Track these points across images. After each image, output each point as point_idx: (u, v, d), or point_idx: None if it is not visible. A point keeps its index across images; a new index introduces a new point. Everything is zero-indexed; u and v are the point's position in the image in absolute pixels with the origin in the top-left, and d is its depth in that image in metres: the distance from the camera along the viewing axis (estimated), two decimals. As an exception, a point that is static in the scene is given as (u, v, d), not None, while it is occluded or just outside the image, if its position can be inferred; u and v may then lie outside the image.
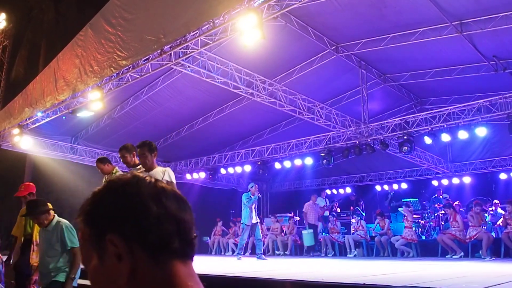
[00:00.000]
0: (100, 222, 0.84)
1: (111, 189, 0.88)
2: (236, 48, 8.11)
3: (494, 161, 13.91)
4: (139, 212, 0.83)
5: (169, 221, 0.85)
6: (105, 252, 0.83)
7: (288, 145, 12.77)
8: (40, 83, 9.47)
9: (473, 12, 8.04)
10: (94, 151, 13.62)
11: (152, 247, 0.82)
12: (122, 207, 0.84)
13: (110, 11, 7.33)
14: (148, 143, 4.50)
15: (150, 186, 0.88)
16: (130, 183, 0.88)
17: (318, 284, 4.22)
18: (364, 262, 8.88)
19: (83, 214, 0.87)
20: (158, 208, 0.85)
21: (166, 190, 0.89)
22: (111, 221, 0.83)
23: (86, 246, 0.86)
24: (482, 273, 5.74)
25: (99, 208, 0.86)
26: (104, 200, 0.86)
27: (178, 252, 0.85)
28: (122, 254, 0.81)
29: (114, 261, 0.82)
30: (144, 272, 0.81)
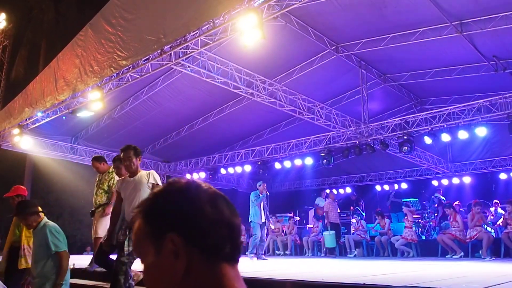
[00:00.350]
0: (161, 221, 0.90)
1: (173, 192, 0.94)
2: (236, 48, 8.11)
3: (494, 161, 13.91)
4: (199, 215, 0.90)
5: (223, 226, 0.91)
6: (163, 249, 0.88)
7: (288, 145, 12.77)
8: (40, 83, 9.47)
9: (473, 12, 8.05)
10: (94, 151, 13.60)
11: (207, 249, 0.89)
12: (183, 209, 0.90)
13: (110, 11, 7.33)
14: (133, 147, 4.43)
15: (207, 192, 0.95)
16: (190, 188, 0.94)
17: (318, 284, 4.22)
18: (364, 262, 8.88)
19: (144, 212, 0.93)
20: (214, 213, 0.91)
21: (220, 196, 0.96)
22: (172, 221, 0.89)
23: (144, 242, 0.92)
24: (482, 273, 5.74)
25: (161, 209, 0.92)
26: (166, 202, 0.93)
27: (228, 255, 0.91)
28: (179, 252, 0.87)
29: (171, 258, 0.87)
30: (196, 271, 0.88)
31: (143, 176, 4.35)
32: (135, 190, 4.30)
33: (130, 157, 4.35)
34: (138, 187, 4.30)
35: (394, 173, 16.03)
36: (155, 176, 4.39)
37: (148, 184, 4.33)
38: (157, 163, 15.64)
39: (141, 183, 4.31)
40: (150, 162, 15.33)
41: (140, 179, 4.34)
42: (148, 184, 4.33)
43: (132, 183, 4.35)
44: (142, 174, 4.39)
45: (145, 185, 4.30)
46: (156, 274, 0.90)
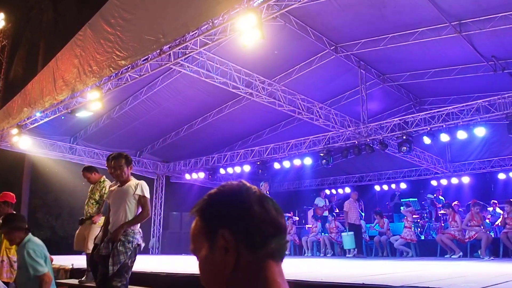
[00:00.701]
0: (214, 218, 0.99)
1: (225, 192, 1.04)
2: (235, 48, 8.11)
3: (493, 161, 13.93)
4: (248, 214, 0.99)
5: (269, 224, 0.99)
6: (215, 245, 0.97)
7: (287, 145, 12.77)
8: (39, 83, 9.46)
9: (472, 12, 8.05)
10: (93, 151, 13.62)
11: (254, 245, 0.97)
12: (234, 208, 0.99)
13: (109, 11, 7.32)
14: (125, 155, 4.17)
15: (255, 193, 1.03)
16: (241, 189, 1.04)
17: (317, 284, 4.22)
18: (363, 262, 8.88)
19: (200, 210, 1.02)
20: (262, 213, 1.00)
21: (268, 198, 1.05)
22: (224, 219, 0.98)
23: (199, 238, 1.01)
24: (481, 273, 5.74)
25: (214, 207, 1.01)
26: (219, 201, 1.02)
27: (273, 252, 0.99)
28: (229, 247, 0.95)
29: (222, 253, 0.96)
30: (245, 265, 0.96)
31: (131, 186, 4.07)
32: (120, 200, 4.03)
33: (121, 166, 4.06)
34: (124, 197, 4.02)
35: (393, 173, 16.05)
36: (143, 187, 4.09)
37: (134, 195, 4.03)
38: (156, 163, 15.65)
39: (127, 194, 4.03)
40: (149, 162, 15.34)
41: (127, 189, 4.06)
42: (134, 195, 4.03)
43: (120, 193, 4.08)
44: (130, 184, 4.10)
45: (131, 196, 4.02)
46: (209, 268, 0.99)
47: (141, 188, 4.06)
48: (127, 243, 3.86)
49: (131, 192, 4.02)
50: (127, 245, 3.85)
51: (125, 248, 3.83)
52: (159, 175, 15.97)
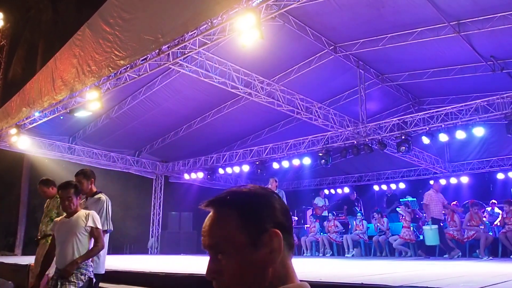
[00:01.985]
0: (262, 216, 1.01)
1: (261, 193, 1.06)
2: (234, 48, 8.11)
3: (491, 161, 13.94)
4: (288, 215, 1.06)
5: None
6: (261, 242, 0.98)
7: (286, 145, 12.77)
8: (38, 82, 9.45)
9: (471, 12, 8.06)
10: (92, 151, 13.62)
11: (291, 245, 1.05)
12: (279, 209, 1.04)
13: (108, 11, 7.32)
14: (74, 184, 3.90)
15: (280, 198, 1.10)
16: (270, 192, 1.08)
17: (316, 284, 4.22)
18: (362, 262, 8.89)
19: (240, 206, 1.02)
20: (291, 218, 1.09)
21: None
22: (272, 217, 1.01)
23: (232, 233, 1.00)
24: (480, 273, 5.75)
25: (259, 205, 1.02)
26: (263, 200, 1.04)
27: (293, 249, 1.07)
28: (276, 245, 0.99)
29: (266, 250, 0.98)
30: (283, 262, 1.01)
31: (81, 218, 3.77)
32: (68, 234, 3.70)
33: (70, 196, 3.75)
34: (73, 230, 3.70)
35: (392, 173, 16.06)
36: (95, 218, 3.80)
37: (86, 227, 3.73)
38: (155, 163, 15.64)
39: (77, 226, 3.71)
40: (148, 162, 15.34)
41: (76, 221, 3.75)
42: (86, 227, 3.73)
43: (67, 225, 3.75)
44: (79, 215, 3.79)
45: (82, 228, 3.71)
46: (246, 265, 0.98)
47: (92, 220, 3.79)
48: (79, 275, 3.62)
49: (82, 224, 3.73)
50: (79, 277, 3.62)
51: (77, 279, 3.60)
52: (158, 175, 15.97)
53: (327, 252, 12.39)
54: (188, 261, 9.55)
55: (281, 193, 9.34)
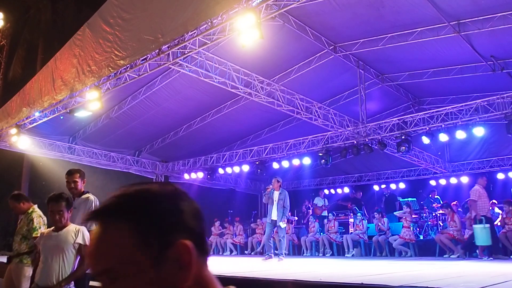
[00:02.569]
0: (164, 225, 0.79)
1: (163, 194, 0.84)
2: (234, 48, 8.11)
3: (491, 161, 13.94)
4: (199, 218, 0.85)
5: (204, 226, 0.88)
6: (167, 259, 0.78)
7: (286, 145, 12.77)
8: (38, 82, 9.45)
9: (471, 12, 8.06)
10: (92, 151, 13.62)
11: (204, 250, 0.84)
12: (185, 210, 0.83)
13: (108, 10, 7.32)
14: (66, 197, 3.64)
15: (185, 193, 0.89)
16: (176, 189, 0.87)
17: (316, 284, 4.22)
18: (362, 262, 8.89)
19: (134, 216, 0.79)
20: (202, 219, 0.87)
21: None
22: (177, 224, 0.80)
23: (132, 256, 0.77)
24: (480, 273, 5.75)
25: (159, 210, 0.80)
26: (163, 202, 0.82)
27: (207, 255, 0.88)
28: (192, 259, 0.79)
29: (175, 266, 0.78)
30: (199, 275, 0.81)
31: (70, 233, 3.55)
32: (55, 249, 3.48)
33: (61, 210, 3.54)
34: (61, 245, 3.49)
35: (392, 173, 16.05)
36: (84, 235, 3.57)
37: (74, 244, 3.53)
38: (155, 163, 15.64)
39: (66, 242, 3.50)
40: (148, 162, 15.33)
41: (66, 236, 3.53)
42: (74, 244, 3.53)
43: (55, 239, 3.52)
44: (69, 230, 3.57)
45: (71, 245, 3.51)
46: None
47: (82, 236, 3.55)
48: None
49: (71, 241, 3.52)
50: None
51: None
52: (157, 175, 15.96)
53: (327, 252, 12.40)
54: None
55: (283, 193, 9.33)
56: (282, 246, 9.34)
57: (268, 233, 9.39)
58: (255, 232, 14.30)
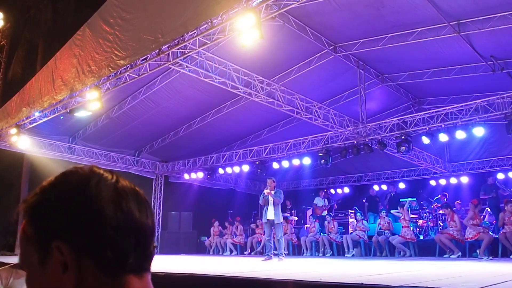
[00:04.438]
0: (47, 224, 0.73)
1: (65, 187, 0.75)
2: (234, 48, 8.11)
3: (491, 161, 13.94)
4: (96, 221, 0.72)
5: (128, 233, 0.75)
6: (49, 258, 0.72)
7: (286, 145, 12.77)
8: (38, 82, 9.45)
9: (471, 12, 8.06)
10: (92, 151, 13.62)
11: (105, 262, 0.72)
12: (77, 212, 0.72)
13: (108, 10, 7.32)
14: None
15: (110, 187, 0.76)
16: (90, 181, 0.76)
17: (316, 284, 4.21)
18: (362, 262, 8.89)
19: (29, 210, 0.75)
20: (118, 218, 0.74)
21: (128, 192, 0.78)
22: (60, 225, 0.72)
23: (27, 248, 0.75)
24: (480, 273, 5.75)
25: (48, 208, 0.74)
26: (56, 198, 0.74)
27: (133, 266, 0.75)
28: (68, 265, 0.71)
29: (58, 271, 0.72)
30: (91, 286, 0.72)
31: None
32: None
33: None
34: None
35: (392, 173, 16.05)
36: None
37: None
38: (155, 163, 15.64)
39: None
40: (148, 162, 15.34)
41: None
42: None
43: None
44: None
45: None
46: (40, 285, 0.74)
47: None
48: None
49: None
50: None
51: None
52: (157, 175, 15.96)
53: (327, 252, 12.39)
54: (188, 261, 9.55)
55: (278, 192, 9.33)
56: (281, 246, 9.33)
57: (267, 234, 9.39)
58: (255, 232, 14.31)
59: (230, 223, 14.93)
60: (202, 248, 15.65)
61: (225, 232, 14.85)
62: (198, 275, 4.97)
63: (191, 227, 16.03)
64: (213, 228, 15.08)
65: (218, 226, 15.05)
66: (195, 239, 16.12)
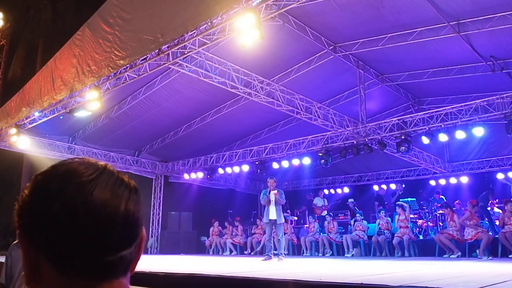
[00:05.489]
0: (22, 219, 0.72)
1: (39, 180, 0.73)
2: (234, 48, 8.11)
3: (491, 161, 13.94)
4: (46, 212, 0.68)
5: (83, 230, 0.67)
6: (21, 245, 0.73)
7: (286, 145, 12.77)
8: (38, 82, 9.45)
9: (471, 12, 8.06)
10: (92, 151, 13.62)
11: (55, 258, 0.68)
12: (35, 201, 0.71)
13: (108, 10, 7.32)
14: None
15: (82, 176, 0.71)
16: (57, 175, 0.71)
17: (316, 284, 4.21)
18: (362, 262, 8.88)
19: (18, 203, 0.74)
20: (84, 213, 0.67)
21: (106, 172, 0.73)
22: (21, 215, 0.72)
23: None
24: (479, 273, 5.75)
25: (22, 203, 0.72)
26: (28, 193, 0.72)
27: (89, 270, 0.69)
28: (28, 266, 0.71)
29: (25, 256, 0.71)
30: (47, 281, 0.69)
31: None
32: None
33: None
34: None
35: (391, 173, 16.05)
36: None
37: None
38: (155, 163, 15.64)
39: None
40: (147, 162, 15.34)
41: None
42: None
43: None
44: None
45: None
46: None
47: None
48: None
49: None
50: None
51: None
52: (157, 175, 15.96)
53: (327, 252, 12.40)
54: (188, 261, 9.54)
55: (279, 192, 9.34)
56: (281, 246, 9.32)
57: (268, 233, 9.39)
58: (255, 232, 14.31)
59: (230, 223, 14.92)
60: (202, 248, 15.65)
61: (225, 232, 14.85)
62: (198, 275, 4.97)
63: (191, 227, 16.03)
64: (212, 228, 15.08)
65: (218, 226, 15.05)
66: (195, 239, 16.11)
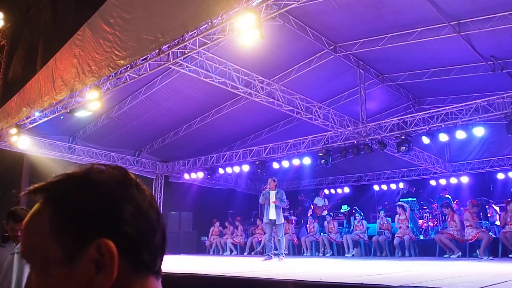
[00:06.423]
0: (88, 219, 0.68)
1: (104, 183, 0.71)
2: (234, 48, 8.11)
3: (491, 161, 13.94)
4: (141, 221, 0.71)
5: (160, 233, 0.75)
6: (82, 257, 0.67)
7: (286, 145, 12.77)
8: (38, 82, 9.45)
9: (471, 12, 8.06)
10: (92, 151, 13.62)
11: (141, 263, 0.71)
12: (121, 209, 0.70)
13: (108, 10, 7.32)
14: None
15: (146, 189, 0.76)
16: (125, 181, 0.74)
17: (316, 284, 4.21)
18: (362, 262, 8.89)
19: (60, 201, 0.69)
20: (154, 218, 0.74)
21: (152, 195, 0.79)
22: (104, 222, 0.68)
23: (48, 243, 0.68)
24: (480, 273, 5.75)
25: (87, 202, 0.69)
26: (96, 195, 0.70)
27: (158, 266, 0.75)
28: (106, 264, 0.67)
29: (90, 270, 0.67)
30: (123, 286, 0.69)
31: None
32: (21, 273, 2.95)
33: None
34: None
35: (392, 173, 16.05)
36: None
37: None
38: (155, 162, 15.64)
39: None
40: (148, 162, 15.34)
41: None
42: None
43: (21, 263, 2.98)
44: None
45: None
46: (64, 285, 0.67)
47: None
48: None
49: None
50: None
51: None
52: (158, 175, 15.96)
53: (327, 252, 12.40)
54: (188, 261, 9.55)
55: (280, 192, 9.33)
56: (281, 246, 9.32)
57: (268, 234, 9.39)
58: (255, 232, 14.31)
59: (230, 223, 14.92)
60: (202, 248, 15.64)
61: (225, 232, 14.85)
62: (198, 275, 4.97)
63: (191, 227, 16.03)
64: (213, 228, 15.08)
65: (219, 226, 15.05)
66: (195, 239, 16.12)
